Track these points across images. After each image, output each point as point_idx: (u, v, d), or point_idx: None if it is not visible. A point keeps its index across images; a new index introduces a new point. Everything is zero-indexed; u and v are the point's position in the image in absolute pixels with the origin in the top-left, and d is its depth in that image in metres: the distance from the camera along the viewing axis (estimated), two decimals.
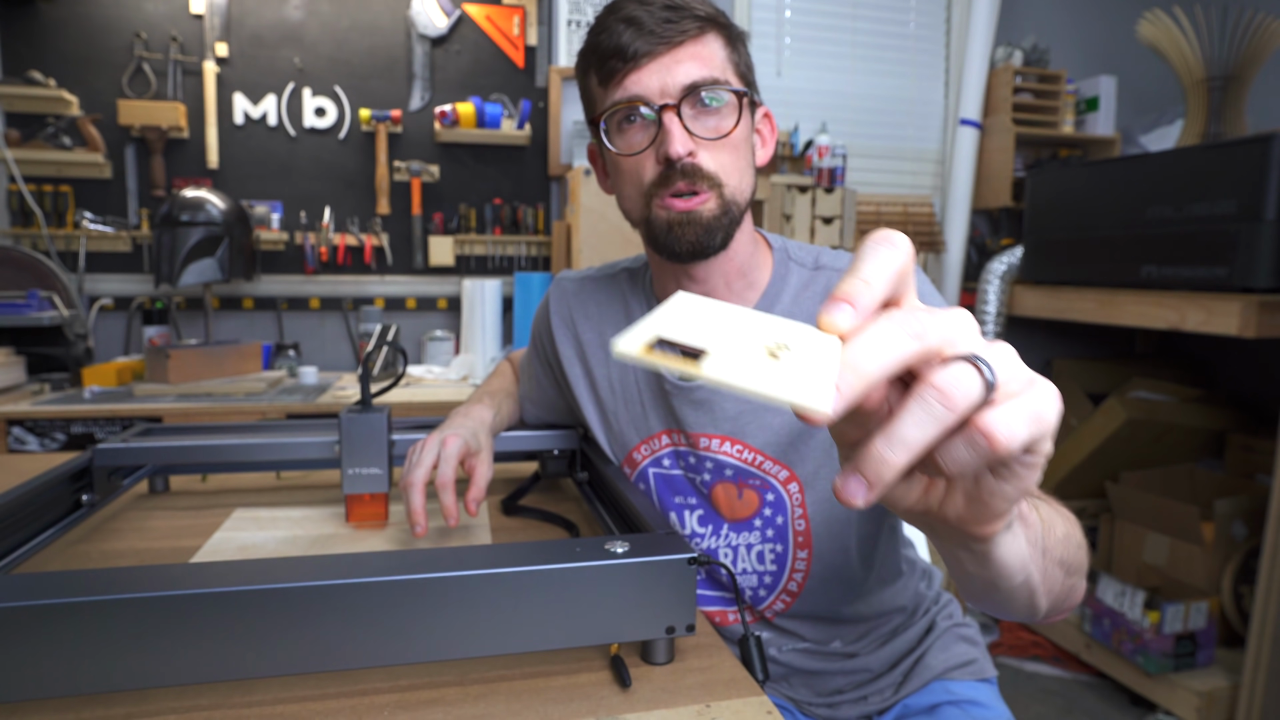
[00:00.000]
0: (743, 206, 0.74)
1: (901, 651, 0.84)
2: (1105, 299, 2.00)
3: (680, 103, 0.69)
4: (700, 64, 0.69)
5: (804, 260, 0.80)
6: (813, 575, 0.78)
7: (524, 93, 2.48)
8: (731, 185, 0.72)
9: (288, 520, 0.84)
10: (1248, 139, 1.65)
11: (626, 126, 0.72)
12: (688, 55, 0.69)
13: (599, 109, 0.73)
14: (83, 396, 1.87)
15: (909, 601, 0.85)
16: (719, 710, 0.50)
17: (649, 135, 0.71)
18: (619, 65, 0.70)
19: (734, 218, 0.73)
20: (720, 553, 0.80)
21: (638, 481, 0.85)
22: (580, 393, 0.88)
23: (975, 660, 0.85)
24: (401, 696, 0.51)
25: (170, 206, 2.01)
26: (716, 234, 0.72)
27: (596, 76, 0.72)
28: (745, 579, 0.80)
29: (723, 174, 0.71)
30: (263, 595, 0.47)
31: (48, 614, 0.45)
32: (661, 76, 0.69)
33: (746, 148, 0.74)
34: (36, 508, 0.72)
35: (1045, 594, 0.49)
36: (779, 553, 0.78)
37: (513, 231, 2.49)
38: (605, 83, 0.72)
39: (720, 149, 0.71)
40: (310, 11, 2.33)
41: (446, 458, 0.77)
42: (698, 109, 0.70)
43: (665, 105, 0.69)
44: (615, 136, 0.73)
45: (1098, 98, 2.69)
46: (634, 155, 0.72)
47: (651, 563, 0.53)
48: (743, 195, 0.74)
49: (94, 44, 2.21)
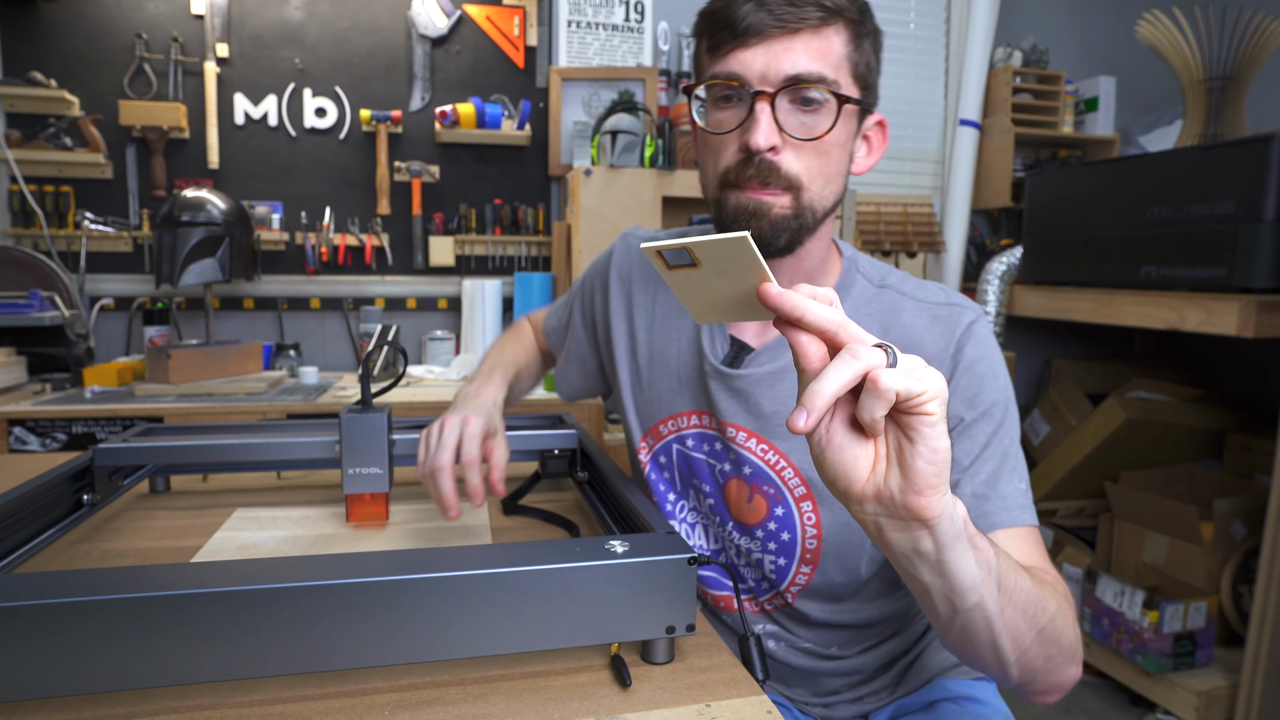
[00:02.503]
0: (819, 215, 0.70)
1: (896, 653, 0.83)
2: (1104, 299, 2.00)
3: (777, 93, 0.64)
4: (812, 56, 0.65)
5: (871, 275, 0.78)
6: (811, 589, 0.77)
7: (524, 93, 2.48)
8: (812, 191, 0.68)
9: (288, 520, 0.84)
10: (1247, 139, 1.65)
11: (723, 104, 0.68)
12: (801, 45, 0.64)
13: (700, 78, 0.70)
14: (84, 396, 1.87)
15: (907, 607, 0.84)
16: (719, 710, 0.50)
17: (739, 118, 0.67)
18: (728, 38, 0.66)
19: (806, 224, 0.69)
20: (725, 545, 0.80)
21: (658, 455, 0.83)
22: (619, 353, 0.86)
23: None
24: (401, 696, 0.51)
25: (171, 207, 2.02)
26: (781, 235, 0.68)
27: (706, 42, 0.69)
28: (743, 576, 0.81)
29: (805, 177, 0.67)
30: (263, 595, 0.47)
31: (48, 613, 0.45)
32: (767, 61, 0.64)
33: (840, 154, 0.70)
34: (37, 508, 0.72)
35: (1012, 646, 0.53)
36: (780, 566, 0.77)
37: (513, 232, 2.49)
38: (712, 51, 0.68)
39: (808, 151, 0.67)
40: (311, 12, 2.33)
41: (470, 436, 0.74)
42: (796, 105, 0.66)
43: (761, 92, 0.65)
44: (709, 109, 0.69)
45: (1097, 98, 2.69)
46: (719, 135, 0.68)
47: (651, 562, 0.53)
48: (822, 203, 0.69)
49: (95, 44, 2.21)
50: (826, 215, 0.71)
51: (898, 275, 0.78)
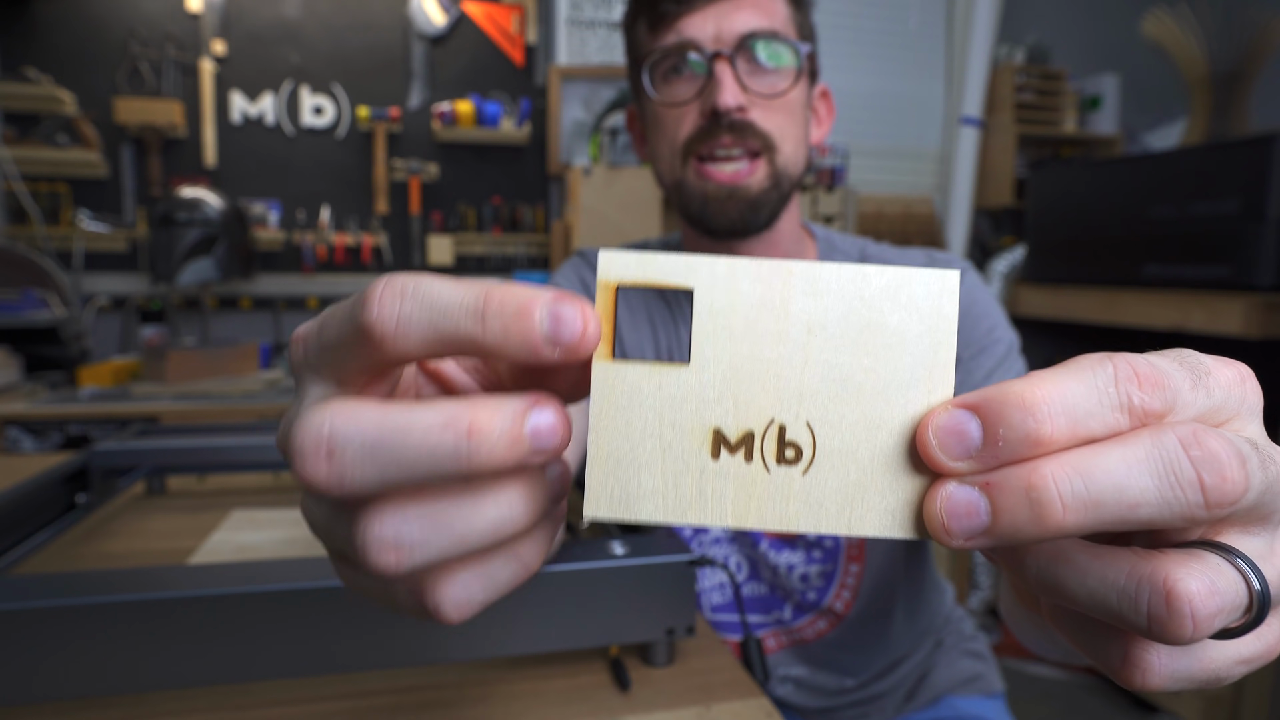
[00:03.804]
0: (794, 180, 0.67)
1: (904, 670, 0.81)
2: (1108, 299, 2.00)
3: (735, 53, 0.62)
4: (761, 14, 0.63)
5: (849, 251, 0.75)
6: (861, 593, 0.73)
7: (523, 91, 2.47)
8: (785, 152, 0.65)
9: (286, 521, 0.84)
10: (1251, 138, 1.64)
11: (673, 77, 0.65)
12: (749, 4, 0.63)
13: (644, 54, 0.66)
14: (79, 396, 1.86)
15: (928, 623, 0.81)
16: (719, 712, 0.50)
17: (696, 87, 0.64)
18: (671, 8, 0.63)
19: (784, 193, 0.66)
20: (759, 566, 0.75)
21: None
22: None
23: (982, 676, 0.81)
24: (400, 699, 0.50)
25: (167, 205, 2.01)
26: (763, 210, 0.65)
27: (646, 21, 0.66)
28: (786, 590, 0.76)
29: (777, 135, 0.64)
30: (261, 597, 0.46)
31: (43, 617, 0.44)
32: (717, 22, 0.62)
33: (803, 115, 0.67)
34: (32, 508, 0.72)
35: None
36: (827, 574, 0.74)
37: (512, 231, 2.48)
38: (655, 27, 0.65)
39: (775, 109, 0.64)
40: (308, 9, 2.32)
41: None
42: (753, 65, 0.64)
43: (718, 54, 0.62)
44: (659, 86, 0.66)
45: (1100, 96, 2.68)
46: (677, 106, 0.65)
47: (651, 564, 0.52)
48: (795, 167, 0.66)
49: (89, 41, 2.20)
50: (798, 184, 0.69)
51: (875, 246, 0.75)
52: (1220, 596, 0.18)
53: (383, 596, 0.23)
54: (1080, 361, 0.19)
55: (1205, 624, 0.18)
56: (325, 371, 0.21)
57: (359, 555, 0.20)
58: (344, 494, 0.19)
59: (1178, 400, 0.19)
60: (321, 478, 0.18)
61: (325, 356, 0.21)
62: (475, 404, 0.19)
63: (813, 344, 0.20)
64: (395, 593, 0.22)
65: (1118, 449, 0.18)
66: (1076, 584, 0.19)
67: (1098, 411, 0.18)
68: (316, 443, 0.18)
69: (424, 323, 0.19)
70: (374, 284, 0.20)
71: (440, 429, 0.18)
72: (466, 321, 0.19)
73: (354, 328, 0.20)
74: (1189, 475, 0.17)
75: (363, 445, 0.18)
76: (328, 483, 0.18)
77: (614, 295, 0.20)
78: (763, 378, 0.20)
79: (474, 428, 0.18)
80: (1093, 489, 0.17)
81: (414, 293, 0.19)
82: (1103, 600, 0.19)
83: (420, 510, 0.19)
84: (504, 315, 0.19)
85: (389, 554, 0.19)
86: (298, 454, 0.19)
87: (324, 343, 0.21)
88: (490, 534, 0.20)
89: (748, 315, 0.20)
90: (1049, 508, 0.17)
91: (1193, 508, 0.17)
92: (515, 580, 0.22)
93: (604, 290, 0.20)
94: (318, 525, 0.22)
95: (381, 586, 0.22)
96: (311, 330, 0.22)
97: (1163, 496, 0.17)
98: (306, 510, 0.23)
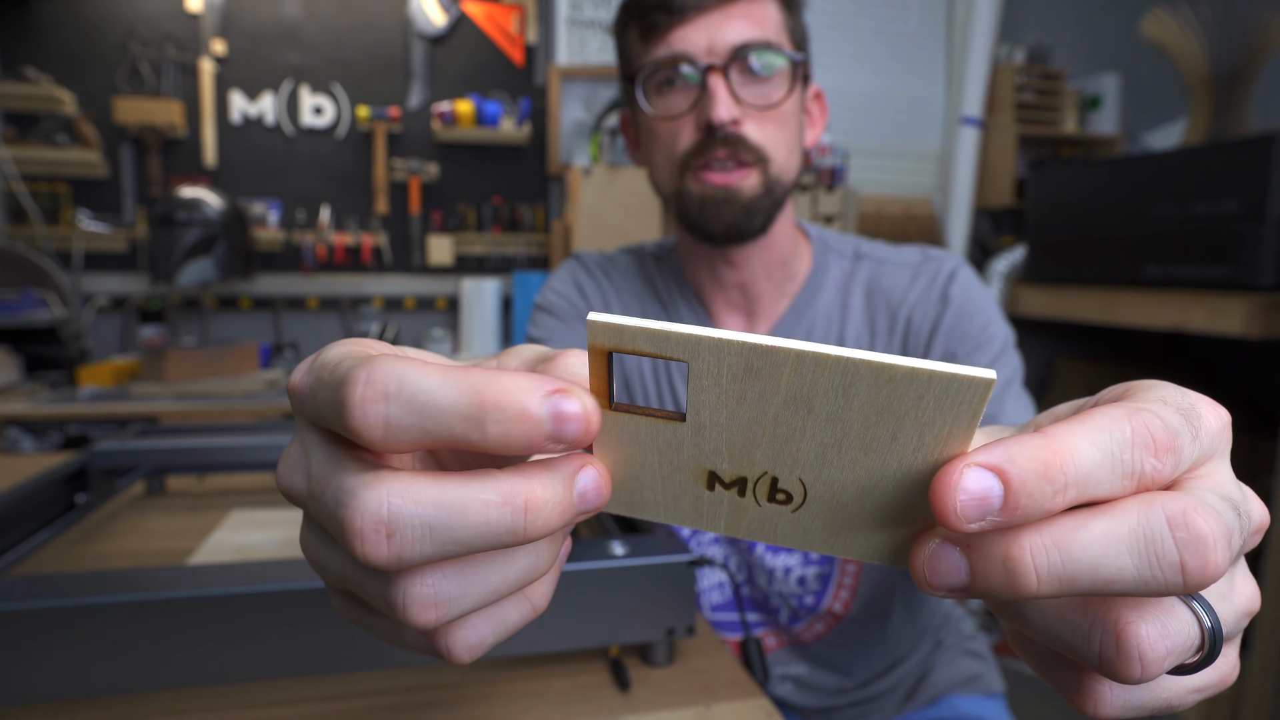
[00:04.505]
0: (787, 187, 0.67)
1: (904, 669, 0.81)
2: (1108, 298, 1.99)
3: (728, 65, 0.63)
4: (753, 24, 0.63)
5: (844, 250, 0.75)
6: (860, 593, 0.74)
7: (523, 91, 2.47)
8: (778, 162, 0.65)
9: (286, 521, 0.84)
10: (1251, 138, 1.64)
11: (666, 89, 0.65)
12: (740, 13, 0.63)
13: (636, 66, 0.67)
14: (79, 396, 1.86)
15: (927, 623, 0.81)
16: (719, 712, 0.50)
17: (690, 99, 0.64)
18: (662, 18, 0.63)
19: (776, 199, 0.67)
20: (753, 572, 0.75)
21: None
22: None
23: (981, 675, 0.81)
24: (400, 699, 0.50)
25: (167, 205, 2.01)
26: (756, 215, 0.66)
27: (637, 30, 0.66)
28: (781, 597, 0.76)
29: (769, 147, 0.65)
30: (260, 598, 0.46)
31: (42, 617, 0.44)
32: (710, 34, 0.63)
33: (796, 123, 0.68)
34: (31, 509, 0.72)
35: None
36: (822, 576, 0.74)
37: (512, 231, 2.48)
38: (646, 38, 0.65)
39: (768, 120, 0.65)
40: (308, 9, 2.32)
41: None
42: (746, 75, 0.64)
43: (711, 66, 0.62)
44: (653, 98, 0.66)
45: (1100, 96, 2.68)
46: (672, 119, 0.65)
47: (651, 564, 0.52)
48: (789, 175, 0.67)
49: (89, 41, 2.20)
50: (792, 189, 0.69)
51: (869, 244, 0.76)
52: (1170, 639, 0.18)
53: (392, 637, 0.23)
54: (1099, 418, 0.18)
55: (1154, 666, 0.18)
56: (329, 434, 0.21)
57: (394, 612, 0.20)
58: (399, 569, 0.19)
59: (1180, 459, 0.19)
60: (382, 558, 0.18)
61: (323, 423, 0.20)
62: (529, 477, 0.19)
63: (813, 420, 0.19)
64: (406, 635, 0.22)
65: (1103, 523, 0.18)
66: (1036, 616, 0.20)
67: (1107, 480, 0.18)
68: (376, 524, 0.18)
69: (414, 428, 0.18)
70: (352, 376, 0.18)
71: (499, 506, 0.18)
72: (462, 426, 0.18)
73: (342, 426, 0.19)
74: (1171, 558, 0.17)
75: (422, 525, 0.18)
76: (387, 562, 0.18)
77: (607, 359, 0.19)
78: (758, 440, 0.20)
79: (530, 503, 0.19)
80: (1069, 566, 0.17)
81: (398, 394, 0.18)
82: (1059, 635, 0.20)
83: (457, 568, 0.20)
84: (504, 420, 0.18)
85: (429, 612, 0.19)
86: (356, 535, 0.18)
87: (320, 411, 0.20)
88: (519, 584, 0.21)
89: (746, 394, 0.19)
90: (1024, 578, 0.18)
91: (1169, 586, 0.18)
92: (524, 621, 0.23)
93: (596, 355, 0.19)
94: (328, 570, 0.22)
95: (395, 631, 0.22)
96: (305, 389, 0.21)
97: (1140, 576, 0.17)
98: (309, 548, 0.22)
